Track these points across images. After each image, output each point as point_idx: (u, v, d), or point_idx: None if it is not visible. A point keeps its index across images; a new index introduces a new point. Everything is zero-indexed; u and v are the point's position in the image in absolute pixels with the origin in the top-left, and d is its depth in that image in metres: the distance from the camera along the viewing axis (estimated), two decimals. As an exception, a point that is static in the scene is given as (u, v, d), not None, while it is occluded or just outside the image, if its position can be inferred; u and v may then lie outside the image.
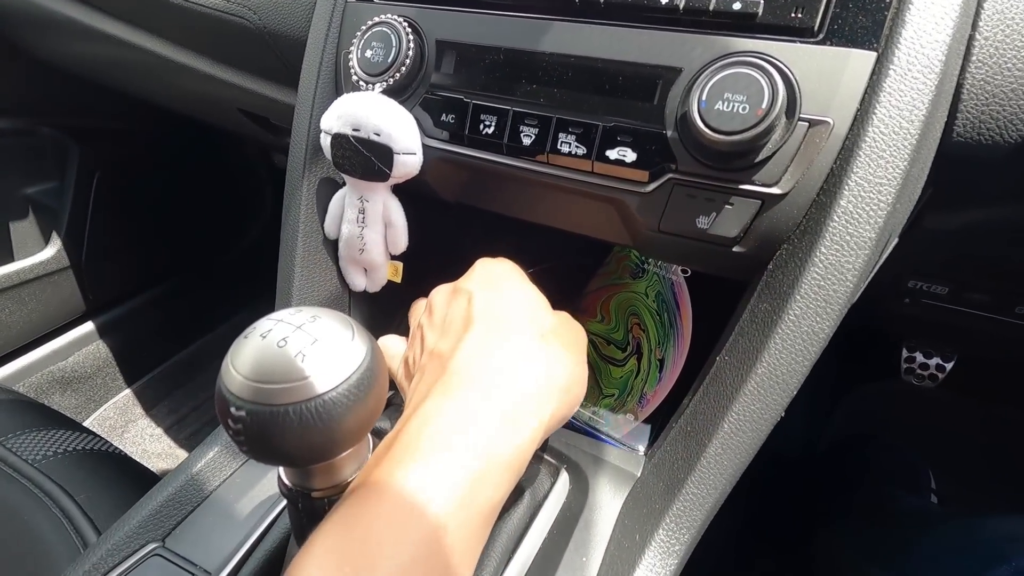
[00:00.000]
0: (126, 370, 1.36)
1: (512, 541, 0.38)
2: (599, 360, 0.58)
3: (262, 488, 0.42)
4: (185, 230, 1.44)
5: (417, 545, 0.26)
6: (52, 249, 1.17)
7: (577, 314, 0.43)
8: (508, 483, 0.30)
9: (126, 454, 0.81)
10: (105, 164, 1.22)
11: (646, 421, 0.59)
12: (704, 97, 0.34)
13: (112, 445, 0.80)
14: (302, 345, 0.26)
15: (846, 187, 0.32)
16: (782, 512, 1.04)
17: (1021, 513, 0.51)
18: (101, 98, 1.09)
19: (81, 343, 1.29)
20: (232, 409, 0.25)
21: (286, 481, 0.32)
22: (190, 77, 0.72)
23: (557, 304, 0.41)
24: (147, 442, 1.33)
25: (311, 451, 0.27)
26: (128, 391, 1.37)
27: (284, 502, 0.36)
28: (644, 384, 0.58)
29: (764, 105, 0.32)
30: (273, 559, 0.38)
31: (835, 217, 0.32)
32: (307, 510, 0.31)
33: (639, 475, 0.42)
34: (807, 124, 0.33)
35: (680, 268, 0.58)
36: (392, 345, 0.45)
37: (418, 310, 0.46)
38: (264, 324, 0.27)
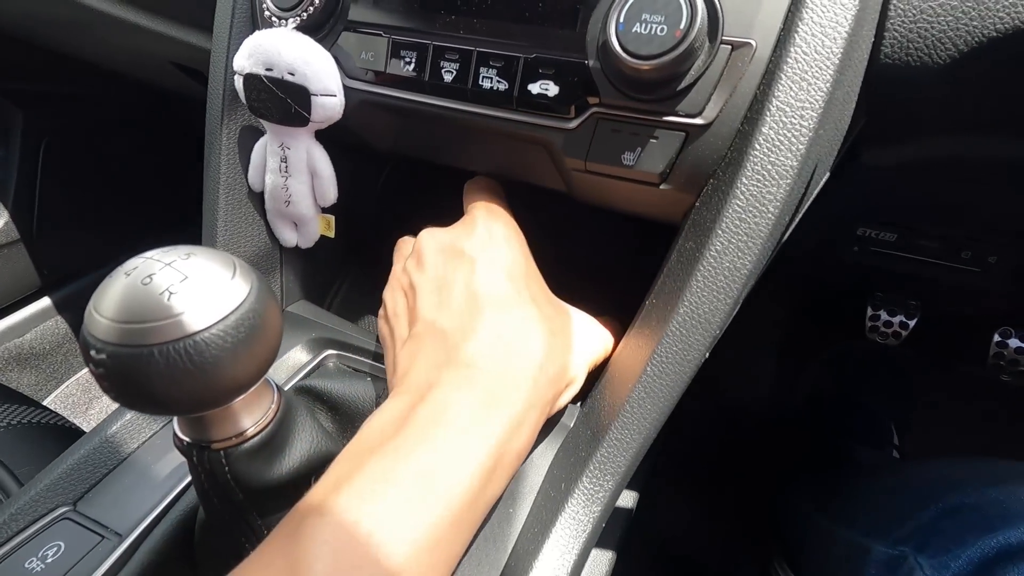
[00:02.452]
0: (87, 346, 1.33)
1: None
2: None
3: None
4: (144, 199, 1.39)
5: (424, 536, 0.26)
6: (-1, 221, 1.13)
7: None
8: (509, 478, 0.31)
9: (80, 428, 0.79)
10: (53, 131, 1.17)
11: None
12: (622, 20, 0.31)
13: (66, 420, 0.78)
14: (170, 282, 0.24)
15: (767, 113, 0.30)
16: (749, 469, 1.05)
17: (955, 457, 0.52)
18: (43, 60, 1.04)
19: (38, 319, 1.25)
20: (92, 352, 0.24)
21: (179, 434, 0.30)
22: (118, 30, 0.68)
23: None
24: (111, 418, 1.31)
25: (188, 397, 0.25)
26: (90, 367, 1.34)
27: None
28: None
29: (683, 25, 0.30)
30: (187, 520, 0.37)
31: (756, 146, 0.31)
32: (203, 463, 0.30)
33: (572, 425, 0.41)
34: (730, 47, 0.31)
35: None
36: None
37: (404, 249, 0.45)
38: (131, 262, 0.25)
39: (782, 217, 0.31)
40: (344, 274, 0.61)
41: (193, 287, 0.24)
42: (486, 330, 0.33)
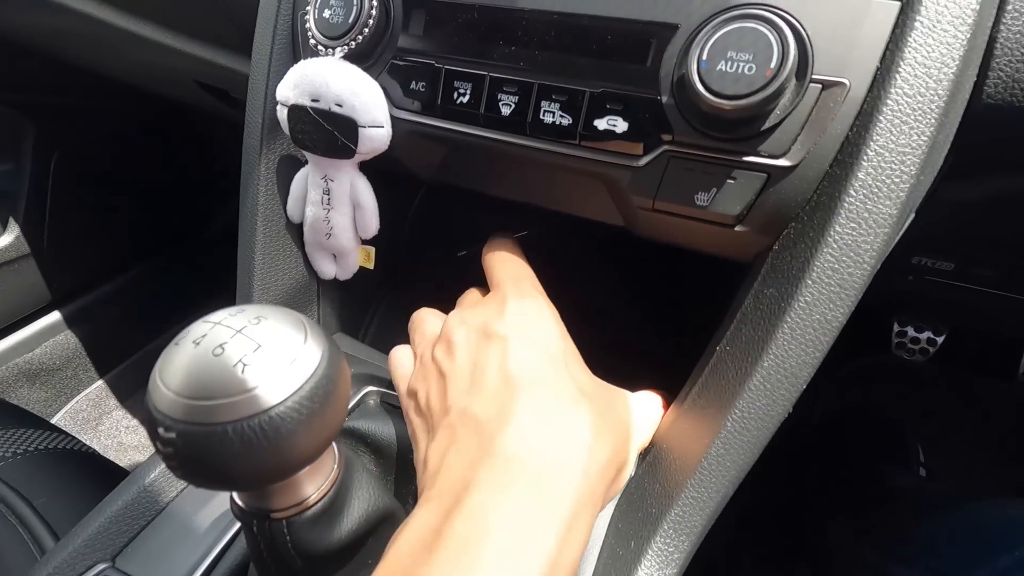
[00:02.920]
0: (97, 360, 1.31)
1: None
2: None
3: (221, 500, 0.38)
4: (155, 212, 1.37)
5: None
6: (10, 236, 1.11)
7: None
8: None
9: (94, 451, 0.77)
10: (64, 144, 1.15)
11: None
12: (705, 56, 0.30)
13: (79, 442, 0.76)
14: (243, 352, 0.22)
15: (864, 157, 0.28)
16: (770, 486, 1.03)
17: (1019, 496, 0.50)
18: (56, 73, 1.02)
19: (48, 333, 1.24)
20: (160, 430, 0.22)
21: (239, 502, 0.28)
22: (140, 47, 0.66)
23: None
24: (123, 434, 1.29)
25: (259, 474, 0.23)
26: (101, 382, 1.32)
27: (243, 518, 0.32)
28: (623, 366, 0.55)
29: (773, 64, 0.28)
30: (234, 578, 0.35)
31: (851, 191, 0.29)
32: (264, 533, 0.28)
33: (633, 474, 0.39)
34: (820, 86, 0.29)
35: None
36: (404, 362, 0.40)
37: (424, 326, 0.41)
38: (198, 328, 0.23)
39: (876, 266, 0.29)
40: (377, 301, 0.59)
41: (267, 357, 0.22)
42: (526, 414, 0.29)
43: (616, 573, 0.33)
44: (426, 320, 0.41)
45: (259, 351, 0.22)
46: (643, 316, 0.56)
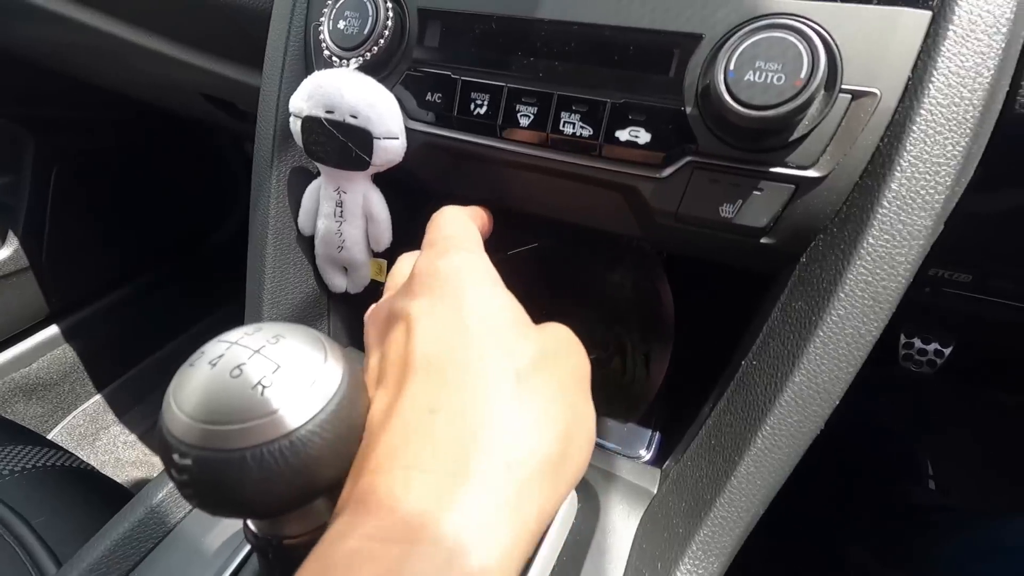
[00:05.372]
0: (95, 375, 1.29)
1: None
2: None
3: (232, 521, 0.37)
4: (155, 225, 1.36)
5: None
6: (9, 249, 1.10)
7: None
8: None
9: (92, 468, 0.75)
10: (64, 156, 1.14)
11: (640, 424, 0.55)
12: (732, 67, 0.29)
13: (77, 459, 0.75)
14: (262, 374, 0.21)
15: (897, 168, 0.28)
16: (781, 502, 1.01)
17: None
18: (57, 86, 1.02)
19: (45, 348, 1.22)
20: (175, 456, 0.20)
21: (252, 528, 0.27)
22: (146, 59, 0.65)
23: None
24: (120, 450, 1.27)
25: (279, 502, 0.22)
26: (98, 397, 1.30)
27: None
28: (632, 383, 0.54)
29: (803, 74, 0.28)
30: (246, 604, 0.34)
31: (884, 203, 0.28)
32: (279, 559, 0.27)
33: (655, 492, 0.38)
34: (850, 96, 0.29)
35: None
36: None
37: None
38: (214, 348, 0.22)
39: (910, 279, 0.29)
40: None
41: (287, 378, 0.21)
42: (403, 408, 0.22)
43: (643, 596, 0.32)
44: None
45: (279, 372, 0.21)
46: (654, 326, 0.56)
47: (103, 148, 1.23)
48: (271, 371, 0.21)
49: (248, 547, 0.36)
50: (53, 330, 1.21)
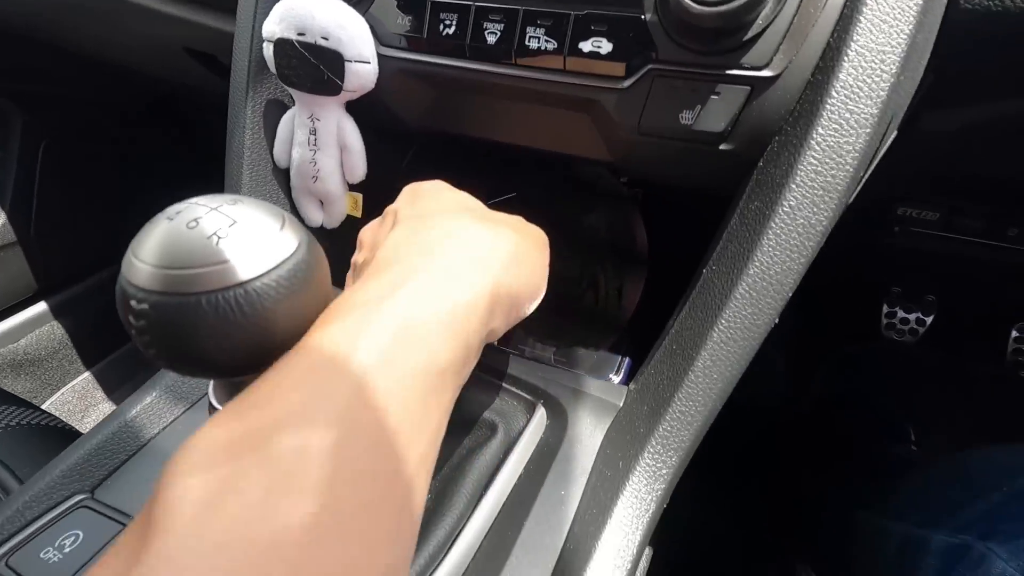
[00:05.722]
0: (84, 352, 1.29)
1: (484, 477, 0.35)
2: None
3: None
4: (145, 201, 1.36)
5: (330, 401, 0.21)
6: (-4, 224, 1.10)
7: None
8: (449, 344, 0.24)
9: (80, 432, 0.76)
10: (53, 132, 1.14)
11: (612, 351, 0.56)
12: (686, -34, 0.30)
13: (67, 424, 0.75)
14: (218, 226, 0.22)
15: (845, 59, 0.29)
16: (768, 467, 1.02)
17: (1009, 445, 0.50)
18: (44, 61, 1.02)
19: (34, 324, 1.22)
20: (133, 303, 0.21)
21: (215, 403, 0.27)
22: (132, 15, 0.66)
23: None
24: (109, 426, 1.27)
25: (236, 354, 0.23)
26: (87, 374, 1.30)
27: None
28: (604, 313, 0.55)
29: (754, -32, 0.28)
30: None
31: (833, 93, 0.29)
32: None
33: (622, 404, 0.38)
34: (801, -7, 0.30)
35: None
36: None
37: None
38: (174, 207, 0.23)
39: (859, 170, 0.29)
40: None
41: (243, 232, 0.22)
42: (398, 230, 0.29)
43: (604, 494, 0.33)
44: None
45: (235, 226, 0.22)
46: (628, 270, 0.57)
47: (92, 124, 1.23)
48: (227, 225, 0.22)
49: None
50: (42, 306, 1.21)
